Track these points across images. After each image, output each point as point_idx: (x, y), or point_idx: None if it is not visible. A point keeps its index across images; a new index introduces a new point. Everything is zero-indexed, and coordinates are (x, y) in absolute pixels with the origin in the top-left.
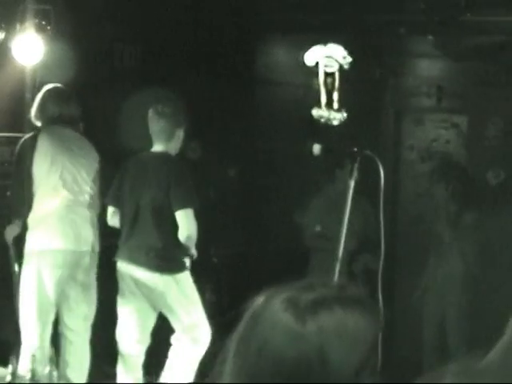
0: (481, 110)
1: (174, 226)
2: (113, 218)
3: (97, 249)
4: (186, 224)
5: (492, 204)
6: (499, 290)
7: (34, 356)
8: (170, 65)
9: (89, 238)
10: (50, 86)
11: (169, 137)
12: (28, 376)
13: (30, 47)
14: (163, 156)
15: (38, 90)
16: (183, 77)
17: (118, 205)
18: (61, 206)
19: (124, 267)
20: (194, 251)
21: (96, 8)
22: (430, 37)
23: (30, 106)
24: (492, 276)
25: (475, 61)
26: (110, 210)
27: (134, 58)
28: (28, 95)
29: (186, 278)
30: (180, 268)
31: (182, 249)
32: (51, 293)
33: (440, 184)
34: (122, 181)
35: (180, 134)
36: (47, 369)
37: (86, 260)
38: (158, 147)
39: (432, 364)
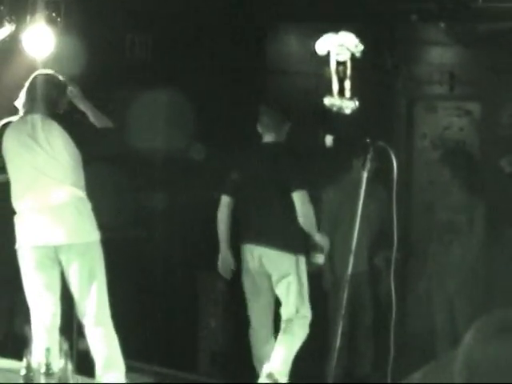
0: (494, 97)
1: (295, 209)
2: (226, 209)
3: (86, 237)
4: (300, 205)
5: (506, 192)
6: (509, 279)
7: (48, 349)
8: (181, 55)
9: (67, 230)
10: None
11: (281, 129)
12: (42, 369)
13: (41, 39)
14: (279, 145)
15: None
16: (194, 67)
17: (236, 195)
18: (32, 202)
19: (251, 249)
20: (320, 240)
21: None
22: (442, 24)
23: None
24: (502, 265)
25: (488, 48)
26: (226, 200)
27: (145, 48)
28: None
29: (303, 262)
30: (302, 250)
31: (311, 242)
32: (43, 289)
33: (447, 171)
34: (237, 171)
35: (288, 126)
36: (62, 362)
37: (67, 251)
38: (269, 138)
39: (445, 351)
